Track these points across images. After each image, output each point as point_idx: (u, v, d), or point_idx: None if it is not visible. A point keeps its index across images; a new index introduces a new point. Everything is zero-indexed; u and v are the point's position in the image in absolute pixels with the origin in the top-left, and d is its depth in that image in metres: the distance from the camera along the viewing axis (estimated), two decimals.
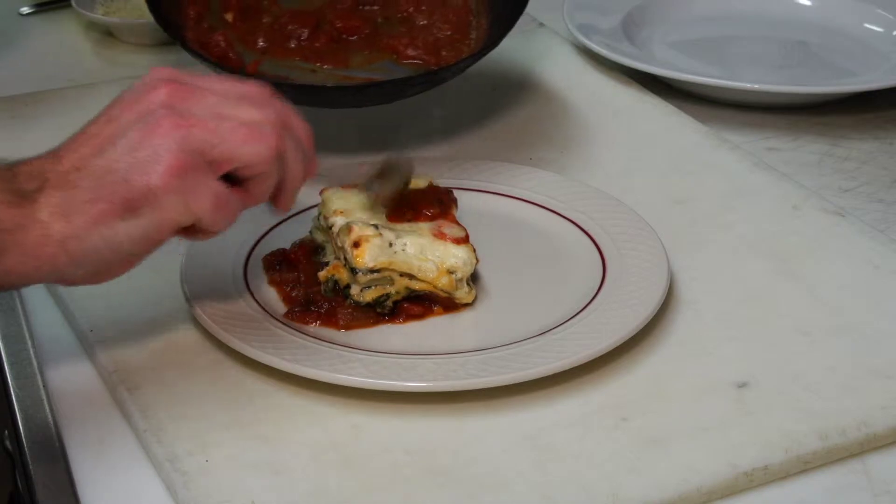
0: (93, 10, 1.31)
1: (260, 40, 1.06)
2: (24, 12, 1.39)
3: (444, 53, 1.05)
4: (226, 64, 1.02)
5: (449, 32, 1.07)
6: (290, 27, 1.07)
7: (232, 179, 0.75)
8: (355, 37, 1.08)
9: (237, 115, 0.74)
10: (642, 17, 1.29)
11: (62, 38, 1.33)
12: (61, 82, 1.20)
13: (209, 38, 1.04)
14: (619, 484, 0.70)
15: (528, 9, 1.31)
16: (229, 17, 1.08)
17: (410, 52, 1.05)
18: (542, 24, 1.30)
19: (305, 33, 1.07)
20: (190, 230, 0.75)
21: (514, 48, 1.25)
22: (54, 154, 0.73)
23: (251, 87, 0.77)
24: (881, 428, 0.74)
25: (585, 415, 0.76)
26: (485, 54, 1.02)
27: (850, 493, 0.72)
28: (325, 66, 1.05)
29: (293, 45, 1.07)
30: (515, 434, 0.75)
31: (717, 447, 0.73)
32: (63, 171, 0.71)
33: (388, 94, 1.03)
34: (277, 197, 0.78)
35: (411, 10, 1.09)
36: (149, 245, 0.73)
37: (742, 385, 0.78)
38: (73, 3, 1.31)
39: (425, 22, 1.08)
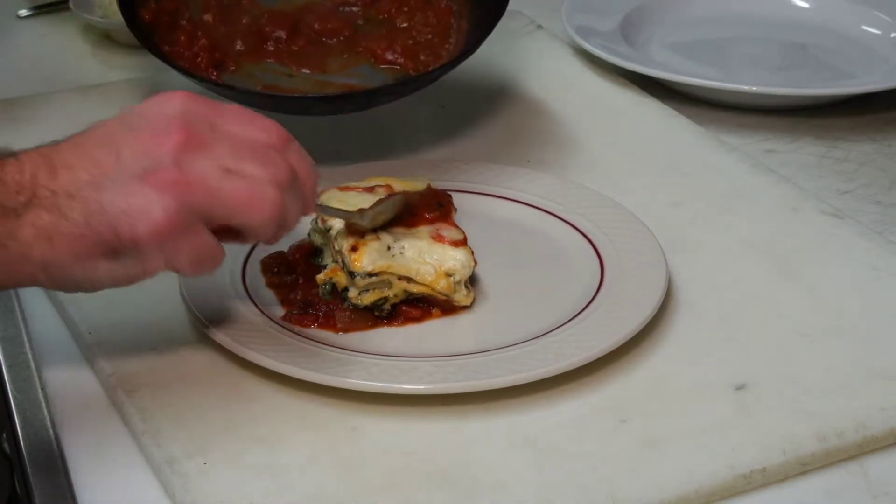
0: (91, 12, 1.31)
1: (238, 43, 1.06)
2: (23, 15, 1.39)
3: (422, 58, 1.04)
4: (197, 72, 1.01)
5: (429, 36, 1.06)
6: (267, 28, 1.06)
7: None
8: (334, 39, 1.07)
9: (243, 172, 0.72)
10: (640, 20, 1.29)
11: (60, 40, 1.33)
12: (59, 84, 1.20)
13: (184, 41, 1.04)
14: (618, 485, 0.70)
15: (527, 11, 1.32)
16: (209, 17, 1.07)
17: (388, 56, 1.04)
18: (540, 27, 1.30)
19: (283, 35, 1.06)
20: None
21: (513, 50, 1.25)
22: (48, 161, 0.70)
23: (266, 134, 0.75)
24: (879, 430, 0.74)
25: (584, 416, 0.76)
26: (460, 62, 1.01)
27: (849, 494, 0.72)
28: (303, 71, 1.04)
29: (271, 48, 1.06)
30: (514, 436, 0.75)
31: (715, 449, 0.73)
32: (56, 191, 0.69)
33: (359, 103, 1.02)
34: (269, 240, 0.78)
35: (393, 11, 1.08)
36: (126, 283, 0.73)
37: (740, 387, 0.78)
38: (72, 6, 1.31)
39: (406, 24, 1.07)
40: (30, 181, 0.70)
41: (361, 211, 0.84)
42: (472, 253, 0.84)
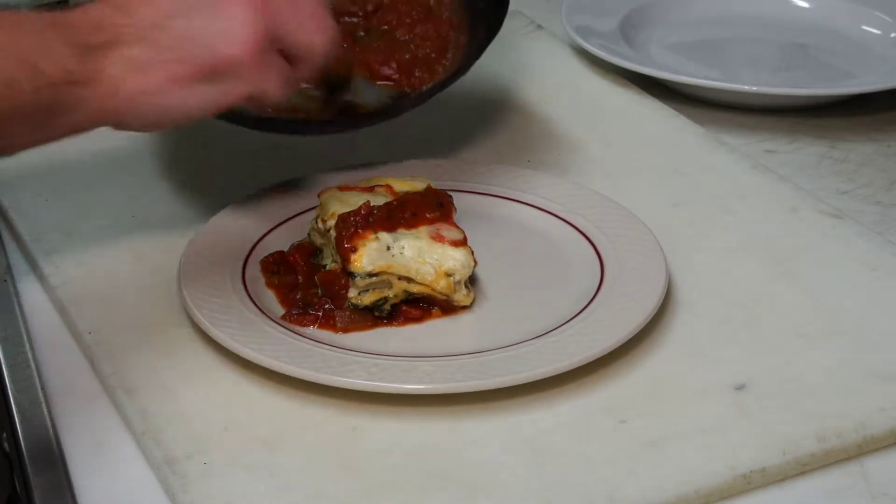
0: None
1: None
2: None
3: (417, 74, 1.05)
4: None
5: (427, 50, 1.07)
6: None
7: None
8: None
9: (306, 2, 0.78)
10: (640, 20, 1.29)
11: None
12: None
13: None
14: (617, 486, 0.70)
15: (527, 11, 1.32)
16: None
17: (384, 70, 1.05)
18: (540, 27, 1.30)
19: None
20: (249, 99, 0.78)
21: (513, 50, 1.25)
22: (119, 5, 0.73)
23: None
24: (879, 430, 0.75)
25: (583, 417, 0.76)
26: (452, 82, 1.01)
27: (848, 495, 0.72)
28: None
29: None
30: (514, 436, 0.75)
31: (714, 449, 0.73)
32: (141, 25, 0.72)
33: (343, 127, 1.03)
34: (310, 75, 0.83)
35: (394, 22, 1.08)
36: (215, 110, 0.76)
37: (740, 387, 0.78)
38: (72, 6, 1.31)
39: (406, 37, 1.08)
40: (103, 22, 0.72)
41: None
42: (472, 253, 0.84)
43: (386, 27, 1.08)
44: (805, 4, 1.33)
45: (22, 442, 0.77)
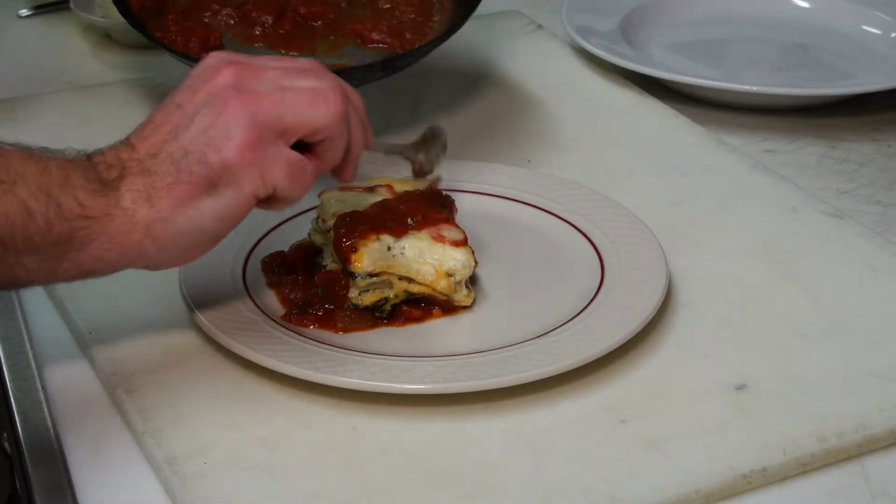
0: (91, 12, 1.31)
1: (226, 28, 1.08)
2: (23, 14, 1.39)
3: (407, 36, 1.06)
4: (192, 52, 1.03)
5: (412, 16, 1.08)
6: (254, 14, 1.08)
7: (303, 147, 0.77)
8: (319, 22, 1.09)
9: (299, 85, 0.77)
10: (641, 20, 1.29)
11: (61, 40, 1.33)
12: (60, 84, 1.20)
13: (173, 27, 1.05)
14: (618, 486, 0.70)
15: (527, 11, 1.32)
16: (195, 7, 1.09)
17: (375, 35, 1.06)
18: (540, 27, 1.30)
19: (270, 20, 1.08)
20: (268, 201, 0.77)
21: (513, 50, 1.25)
22: (126, 143, 0.75)
23: (305, 62, 0.80)
24: (879, 430, 0.75)
25: (584, 417, 0.76)
26: (447, 38, 1.03)
27: (849, 495, 0.72)
28: (291, 53, 1.06)
29: (258, 32, 1.08)
30: (514, 436, 0.75)
31: (715, 449, 0.73)
32: (139, 158, 0.73)
33: (350, 80, 1.04)
34: (343, 166, 0.81)
35: None
36: (231, 221, 0.76)
37: (740, 387, 0.78)
38: (72, 6, 1.31)
39: (389, 5, 1.09)
40: (115, 160, 0.74)
41: (411, 149, 0.90)
42: (473, 253, 0.84)
43: None
44: (805, 4, 1.33)
45: (22, 441, 0.77)
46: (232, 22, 1.08)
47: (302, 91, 0.76)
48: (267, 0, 1.09)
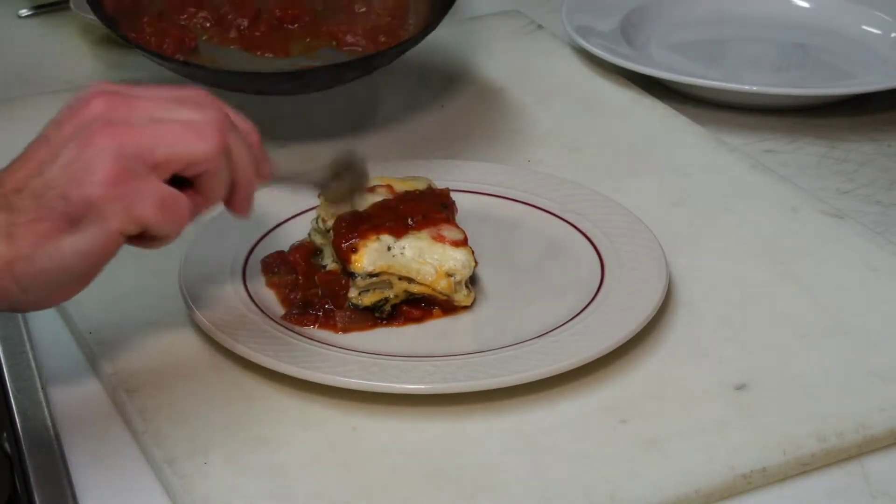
0: (91, 12, 1.31)
1: (201, 29, 1.08)
2: (23, 14, 1.39)
3: (382, 39, 1.06)
4: (165, 53, 1.03)
5: (388, 19, 1.08)
6: (230, 16, 1.08)
7: (182, 182, 0.73)
8: (295, 25, 1.09)
9: (175, 117, 0.72)
10: (640, 20, 1.29)
11: (61, 40, 1.33)
12: (60, 85, 1.20)
13: (148, 28, 1.05)
14: (618, 486, 0.70)
15: (527, 11, 1.32)
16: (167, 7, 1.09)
17: (350, 38, 1.06)
18: (540, 27, 1.30)
19: (245, 23, 1.08)
20: (141, 238, 0.73)
21: (513, 50, 1.25)
22: (1, 177, 0.71)
23: (189, 91, 0.75)
24: (879, 430, 0.75)
25: (584, 417, 0.76)
26: (422, 38, 1.03)
27: (849, 495, 0.72)
28: (266, 55, 1.06)
29: (234, 35, 1.08)
30: (514, 436, 0.75)
31: (715, 449, 0.73)
32: (4, 193, 0.70)
33: (323, 80, 1.04)
34: (233, 200, 0.76)
35: None
36: (97, 259, 0.71)
37: (740, 387, 0.78)
38: (72, 6, 1.31)
39: (364, 9, 1.09)
40: None
41: (322, 184, 0.84)
42: (473, 253, 0.84)
43: (344, 1, 1.10)
44: (805, 4, 1.33)
45: (23, 441, 0.77)
46: (208, 24, 1.07)
47: (176, 123, 0.71)
48: (243, 2, 1.09)
